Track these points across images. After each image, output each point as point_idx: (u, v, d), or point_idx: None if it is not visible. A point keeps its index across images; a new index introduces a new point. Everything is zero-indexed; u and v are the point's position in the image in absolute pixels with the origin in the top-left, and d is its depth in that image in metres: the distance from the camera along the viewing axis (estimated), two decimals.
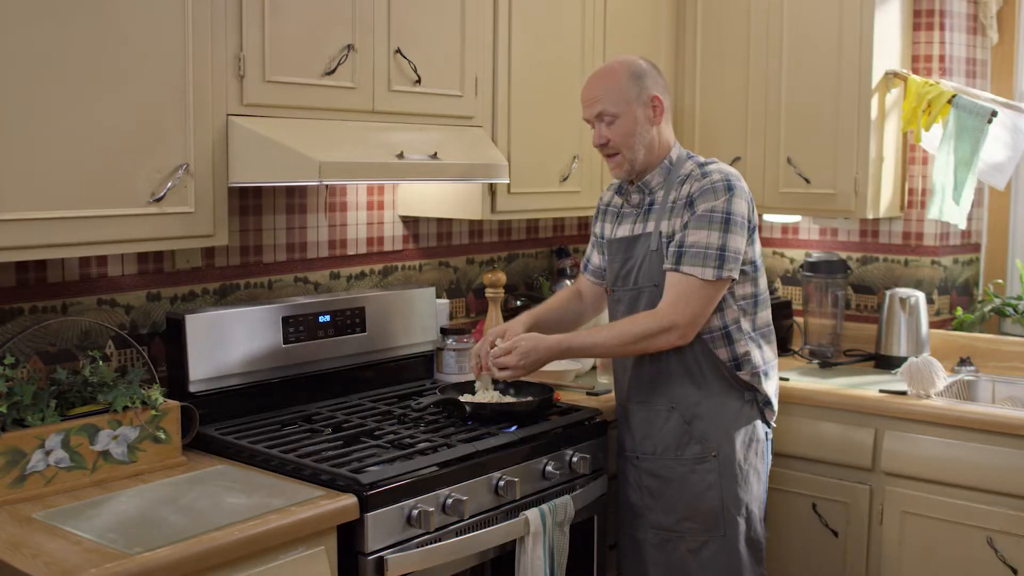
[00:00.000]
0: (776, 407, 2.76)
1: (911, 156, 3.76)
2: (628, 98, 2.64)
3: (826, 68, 3.56)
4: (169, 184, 2.29)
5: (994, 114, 3.43)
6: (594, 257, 2.94)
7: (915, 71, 3.69)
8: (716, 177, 2.59)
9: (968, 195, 3.50)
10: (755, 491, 2.71)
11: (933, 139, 3.58)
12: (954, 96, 3.49)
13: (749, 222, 2.61)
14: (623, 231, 2.76)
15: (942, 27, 3.69)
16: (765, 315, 2.72)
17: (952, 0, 3.71)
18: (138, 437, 2.36)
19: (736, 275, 2.58)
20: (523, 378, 2.77)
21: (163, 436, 2.41)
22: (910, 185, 3.78)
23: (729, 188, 2.57)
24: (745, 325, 2.65)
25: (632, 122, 2.64)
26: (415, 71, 2.81)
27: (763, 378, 2.69)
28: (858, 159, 3.51)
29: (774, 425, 2.77)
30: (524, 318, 2.83)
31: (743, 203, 2.59)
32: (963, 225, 3.56)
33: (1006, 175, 3.59)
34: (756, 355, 2.67)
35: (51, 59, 2.07)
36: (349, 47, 2.64)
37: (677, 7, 3.86)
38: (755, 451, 2.70)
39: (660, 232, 2.64)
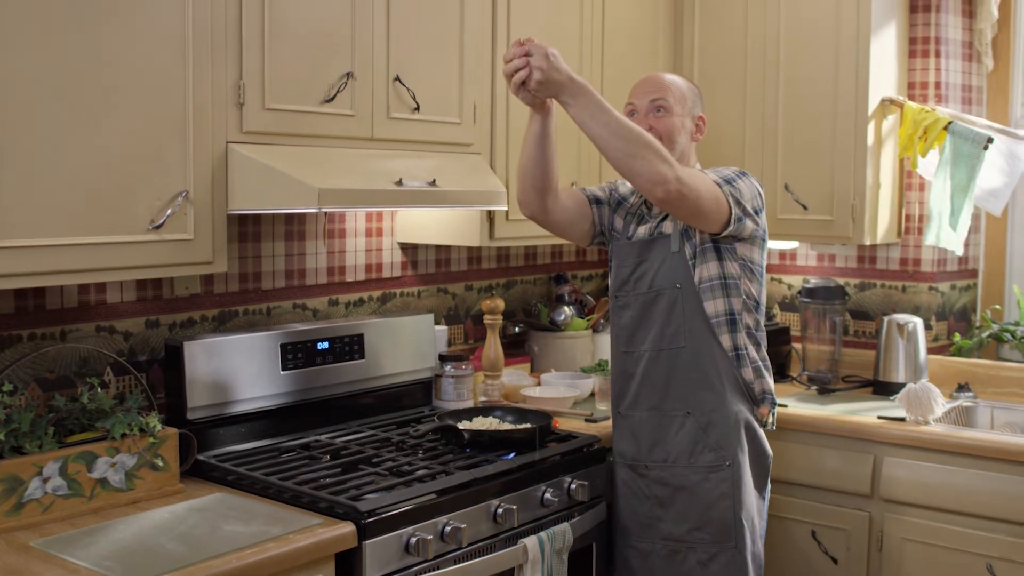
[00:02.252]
0: (776, 409, 2.76)
1: (908, 182, 3.78)
2: (685, 102, 2.73)
3: (823, 95, 3.58)
4: (168, 211, 2.30)
5: (990, 140, 3.45)
6: (596, 191, 2.87)
7: (911, 98, 3.71)
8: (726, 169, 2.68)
9: (965, 221, 3.51)
10: (760, 505, 2.71)
11: (930, 165, 3.60)
12: (950, 123, 3.51)
13: (760, 196, 2.67)
14: (638, 233, 2.74)
15: (938, 54, 3.71)
16: (762, 322, 2.74)
17: (947, 27, 3.73)
18: (136, 464, 2.36)
19: (735, 206, 2.56)
20: (517, 402, 2.75)
21: (161, 463, 2.40)
22: (907, 211, 3.79)
23: (739, 171, 2.67)
24: (746, 319, 2.67)
25: (679, 124, 2.71)
26: (414, 98, 2.82)
27: (763, 375, 2.70)
28: (855, 185, 3.53)
29: (773, 427, 2.76)
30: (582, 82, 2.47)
31: (753, 184, 2.67)
32: (960, 251, 3.57)
33: (1002, 201, 3.61)
34: (753, 351, 2.69)
35: (51, 86, 2.08)
36: (348, 75, 2.65)
37: (674, 36, 3.88)
38: (764, 467, 2.72)
39: (680, 232, 2.65)
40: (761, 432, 2.71)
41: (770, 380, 2.73)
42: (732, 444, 2.64)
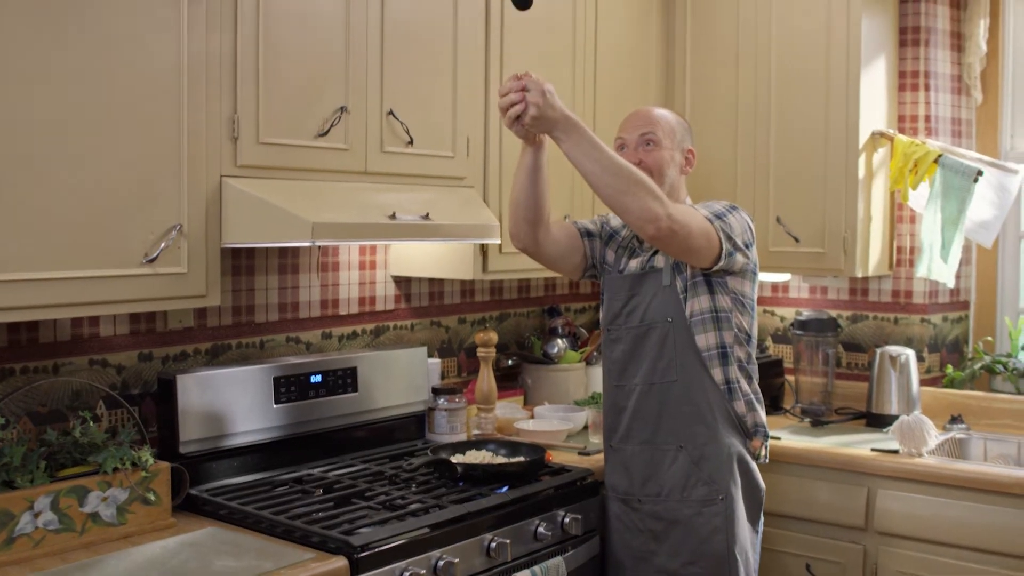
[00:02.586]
0: (768, 442, 2.76)
1: (899, 215, 3.80)
2: (674, 136, 2.75)
3: (813, 128, 3.61)
4: (162, 245, 2.30)
5: (980, 173, 3.48)
6: (587, 224, 2.88)
7: (901, 131, 3.74)
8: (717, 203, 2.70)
9: (956, 253, 3.53)
10: (754, 539, 2.70)
11: (920, 198, 3.62)
12: (940, 156, 3.53)
13: (751, 231, 2.68)
14: (630, 267, 2.75)
15: (927, 88, 3.75)
16: (753, 356, 2.74)
17: (936, 62, 3.77)
18: (128, 499, 2.35)
19: (725, 241, 2.57)
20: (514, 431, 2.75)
21: (153, 498, 2.39)
22: (898, 243, 3.81)
23: (731, 204, 2.68)
24: (738, 352, 2.67)
25: (668, 158, 2.73)
26: (407, 132, 2.84)
27: (755, 408, 2.70)
28: (846, 218, 3.55)
29: (766, 460, 2.75)
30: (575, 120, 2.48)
31: (744, 218, 2.68)
32: (951, 283, 3.59)
33: (993, 233, 3.63)
34: (745, 385, 2.69)
35: (45, 119, 2.09)
36: (342, 109, 2.67)
37: (666, 67, 3.91)
38: (757, 501, 2.71)
39: (671, 266, 2.66)
40: (754, 465, 2.71)
41: (762, 413, 2.73)
42: (725, 478, 2.63)
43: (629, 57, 3.72)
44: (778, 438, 3.33)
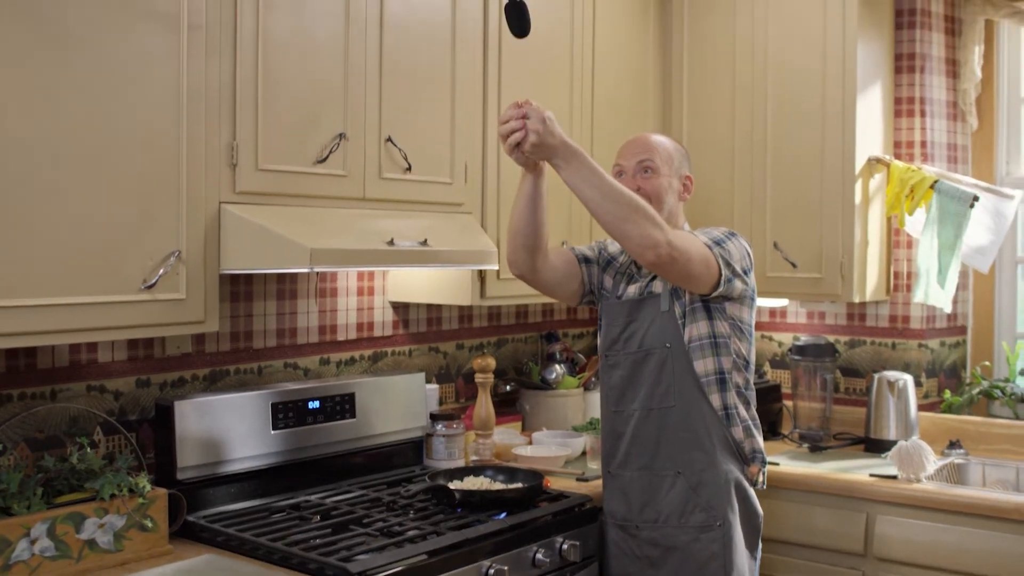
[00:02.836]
0: (766, 468, 2.75)
1: (896, 240, 3.81)
2: (672, 163, 2.76)
3: (810, 154, 3.62)
4: (161, 271, 2.30)
5: (976, 199, 3.49)
6: (585, 251, 2.88)
7: (897, 156, 3.75)
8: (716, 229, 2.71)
9: (953, 278, 3.53)
10: (752, 566, 2.69)
11: (917, 223, 3.63)
12: (936, 181, 3.55)
13: (749, 258, 2.68)
14: (628, 292, 2.76)
15: (923, 114, 3.77)
16: (751, 381, 2.74)
17: (932, 88, 3.79)
18: (125, 525, 2.34)
19: (724, 267, 2.57)
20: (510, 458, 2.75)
21: (150, 524, 2.39)
22: (895, 269, 3.82)
23: (730, 231, 2.69)
24: (736, 378, 2.67)
25: (666, 184, 2.73)
26: (405, 159, 2.85)
27: (756, 431, 2.71)
28: (843, 243, 3.56)
29: (763, 487, 2.75)
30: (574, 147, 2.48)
31: (742, 244, 2.68)
32: (949, 308, 3.59)
33: (989, 258, 3.64)
34: (743, 411, 2.69)
35: (45, 146, 2.10)
36: (341, 136, 2.68)
37: (663, 95, 3.93)
38: (755, 527, 2.70)
39: (669, 292, 2.66)
40: (752, 492, 2.70)
41: (760, 439, 2.72)
42: (723, 504, 2.63)
43: (626, 84, 3.74)
44: (776, 464, 3.33)
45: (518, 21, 2.60)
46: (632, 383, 2.70)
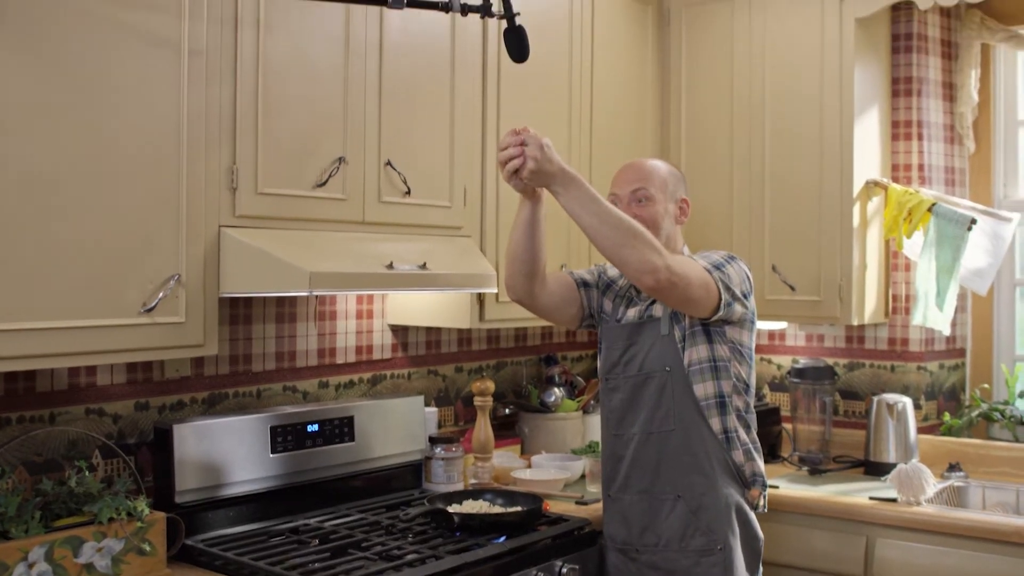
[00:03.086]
0: (767, 491, 2.74)
1: (894, 263, 3.82)
2: (666, 188, 2.76)
3: (808, 178, 3.64)
4: (160, 295, 2.31)
5: (973, 221, 3.50)
6: (584, 275, 2.88)
7: (895, 180, 3.77)
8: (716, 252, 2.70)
9: (951, 301, 3.54)
10: None
11: (915, 246, 3.64)
12: (934, 204, 3.56)
13: (749, 281, 2.68)
14: (628, 316, 2.76)
15: (920, 137, 3.78)
16: (752, 405, 2.73)
17: (929, 111, 3.81)
18: (123, 549, 2.34)
19: (724, 292, 2.57)
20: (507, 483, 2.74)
21: (148, 548, 2.38)
22: (894, 291, 3.82)
23: (729, 254, 2.69)
24: (736, 402, 2.67)
25: (662, 211, 2.73)
26: (405, 183, 2.86)
27: (757, 454, 2.70)
28: (842, 266, 3.57)
29: (765, 510, 2.74)
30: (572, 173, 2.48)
31: (742, 270, 2.67)
32: (947, 331, 3.60)
33: (988, 281, 3.65)
34: (743, 434, 2.68)
35: (44, 169, 2.11)
36: (340, 159, 2.69)
37: (661, 119, 3.95)
38: (756, 550, 2.69)
39: (669, 315, 2.66)
40: (752, 515, 2.70)
41: (760, 463, 2.72)
42: (723, 528, 2.62)
43: (625, 109, 3.75)
44: (776, 487, 3.32)
45: (517, 46, 2.62)
46: (632, 406, 2.70)
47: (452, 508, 2.82)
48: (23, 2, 2.06)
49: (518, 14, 2.59)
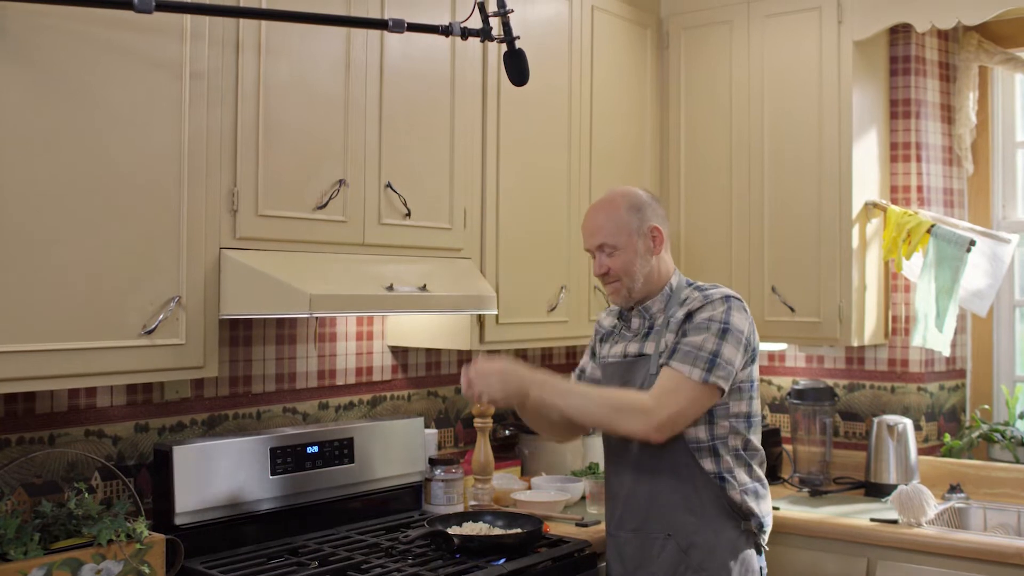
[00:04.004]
0: (769, 531, 2.69)
1: (893, 284, 3.83)
2: (629, 230, 2.67)
3: (807, 199, 3.65)
4: (161, 316, 2.31)
5: (972, 243, 3.51)
6: (588, 367, 2.90)
7: (894, 201, 3.78)
8: (716, 295, 2.61)
9: (951, 322, 3.54)
10: None
11: (914, 268, 3.65)
12: (933, 226, 3.57)
13: (748, 340, 2.60)
14: (618, 351, 2.74)
15: (919, 159, 3.80)
16: (756, 438, 2.67)
17: (927, 133, 3.82)
18: (122, 571, 2.33)
19: (725, 385, 2.53)
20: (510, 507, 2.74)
21: (147, 570, 2.38)
22: (893, 313, 3.83)
23: (727, 302, 2.60)
24: (733, 442, 2.61)
25: (632, 253, 2.66)
26: (405, 205, 2.87)
27: (754, 498, 2.62)
28: (841, 287, 3.57)
29: (767, 548, 2.71)
30: (533, 391, 2.60)
31: (742, 319, 2.59)
32: (947, 352, 3.60)
33: (987, 302, 3.65)
34: (741, 474, 2.61)
35: (45, 191, 2.11)
36: (341, 182, 2.70)
37: (661, 141, 3.97)
38: None
39: (660, 352, 2.62)
40: (749, 552, 2.63)
41: (762, 503, 2.64)
42: (715, 566, 2.57)
43: (624, 131, 3.77)
44: (777, 508, 3.31)
45: (517, 69, 2.63)
46: (626, 444, 2.66)
47: (452, 530, 2.82)
48: (23, 25, 2.07)
49: (518, 37, 2.60)
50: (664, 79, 3.98)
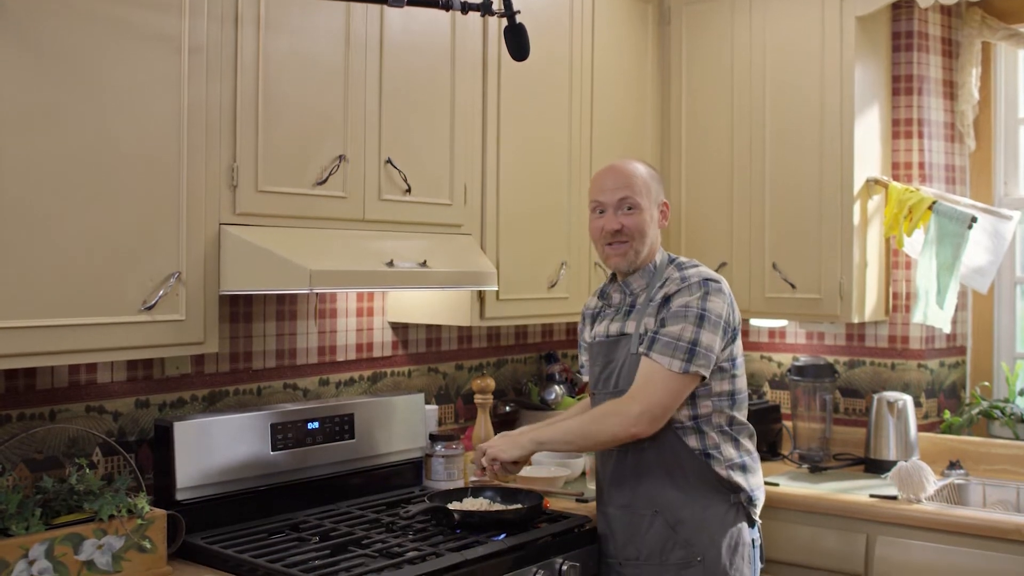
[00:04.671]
0: (760, 503, 2.70)
1: (894, 261, 3.82)
2: (650, 194, 2.71)
3: (809, 176, 3.64)
4: (161, 292, 2.31)
5: (974, 220, 3.50)
6: (583, 358, 2.93)
7: (896, 178, 3.77)
8: (693, 278, 2.62)
9: (952, 299, 3.54)
10: None
11: (915, 244, 3.64)
12: (934, 202, 3.56)
13: (727, 323, 2.62)
14: (602, 330, 2.76)
15: (920, 135, 3.78)
16: (741, 414, 2.69)
17: (929, 109, 3.81)
18: (123, 546, 2.34)
19: (706, 373, 2.55)
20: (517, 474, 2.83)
21: (148, 545, 2.38)
22: (894, 289, 3.82)
23: (704, 286, 2.60)
24: (717, 419, 2.62)
25: (648, 219, 2.70)
26: (405, 180, 2.86)
27: (741, 472, 2.64)
28: (842, 264, 3.57)
29: (759, 521, 2.72)
30: (532, 436, 2.70)
31: (720, 303, 2.60)
32: (948, 329, 3.60)
33: (988, 279, 3.65)
34: (728, 449, 2.63)
35: (45, 167, 2.11)
36: (341, 157, 2.69)
37: (662, 117, 3.95)
38: (741, 556, 2.65)
39: (640, 334, 2.64)
40: (740, 525, 2.64)
41: (752, 477, 2.66)
42: (703, 540, 2.59)
43: (625, 107, 3.75)
44: (776, 484, 3.32)
45: (517, 44, 2.62)
46: None
47: (452, 505, 2.82)
48: (22, 0, 2.06)
49: (518, 12, 2.59)
50: (665, 55, 3.96)
